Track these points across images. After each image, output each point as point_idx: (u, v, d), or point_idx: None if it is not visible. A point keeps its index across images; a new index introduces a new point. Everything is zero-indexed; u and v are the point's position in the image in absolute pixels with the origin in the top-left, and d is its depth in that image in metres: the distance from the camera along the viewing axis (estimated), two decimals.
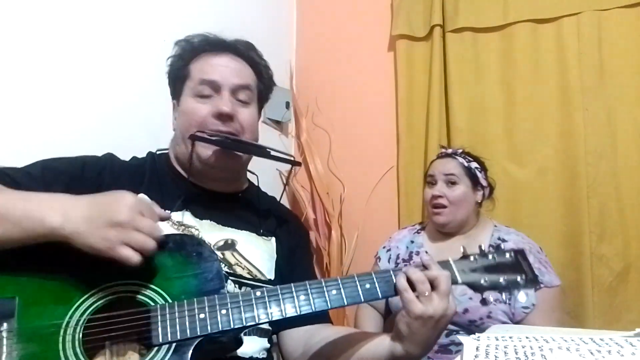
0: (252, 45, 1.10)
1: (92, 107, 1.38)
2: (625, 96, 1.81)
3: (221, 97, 1.01)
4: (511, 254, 0.90)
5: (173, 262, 0.82)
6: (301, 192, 2.28)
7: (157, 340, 0.75)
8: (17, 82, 1.22)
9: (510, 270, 0.88)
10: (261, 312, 0.79)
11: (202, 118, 1.00)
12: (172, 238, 0.84)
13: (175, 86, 1.08)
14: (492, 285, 0.87)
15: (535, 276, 0.88)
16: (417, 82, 2.13)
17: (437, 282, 0.81)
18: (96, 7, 1.42)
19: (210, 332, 0.76)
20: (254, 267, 1.01)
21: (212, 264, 0.83)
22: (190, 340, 0.76)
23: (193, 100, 1.02)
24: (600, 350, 0.64)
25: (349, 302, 0.82)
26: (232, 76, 1.03)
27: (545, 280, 1.47)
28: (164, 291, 0.80)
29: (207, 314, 0.77)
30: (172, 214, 0.97)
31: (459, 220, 1.59)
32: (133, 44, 1.50)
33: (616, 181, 1.79)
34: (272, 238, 1.08)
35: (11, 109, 1.20)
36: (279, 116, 2.26)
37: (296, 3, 2.52)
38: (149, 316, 0.76)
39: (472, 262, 0.89)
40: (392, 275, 0.85)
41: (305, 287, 0.82)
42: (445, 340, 1.48)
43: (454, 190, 1.58)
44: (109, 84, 1.43)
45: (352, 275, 0.85)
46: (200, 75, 1.02)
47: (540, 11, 1.93)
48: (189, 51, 1.07)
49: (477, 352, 0.65)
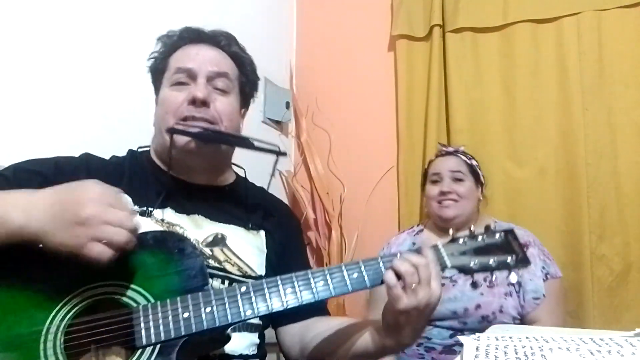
0: (232, 36, 1.08)
1: (92, 107, 1.38)
2: (625, 96, 1.81)
3: (197, 84, 0.99)
4: (501, 234, 0.88)
5: (154, 260, 0.80)
6: (301, 192, 2.28)
7: (140, 343, 0.73)
8: (17, 83, 1.21)
9: (500, 251, 0.86)
10: (247, 307, 0.77)
11: (177, 105, 0.98)
12: (152, 235, 0.82)
13: (156, 81, 1.07)
14: (482, 267, 0.85)
15: (525, 255, 0.86)
16: (417, 82, 2.13)
17: (419, 269, 0.79)
18: (96, 7, 1.42)
19: (195, 332, 0.75)
20: (244, 263, 0.98)
21: (195, 260, 0.81)
22: (175, 341, 0.74)
23: (169, 90, 1.01)
24: (600, 350, 0.64)
25: (336, 293, 0.80)
26: (209, 64, 1.01)
27: (551, 272, 1.50)
28: (146, 291, 0.78)
29: (191, 312, 0.75)
30: (155, 211, 0.95)
31: (466, 215, 1.62)
32: (133, 44, 1.50)
33: (616, 181, 1.80)
34: (261, 231, 1.06)
35: (11, 109, 1.20)
36: (279, 116, 2.26)
37: (296, 3, 2.52)
38: (131, 318, 0.75)
39: (461, 244, 0.87)
40: (380, 263, 0.82)
41: (292, 279, 0.80)
42: (449, 341, 1.47)
43: (462, 185, 1.62)
44: (108, 84, 1.43)
45: (340, 265, 0.82)
46: (177, 64, 1.01)
47: (540, 11, 1.94)
48: (169, 45, 1.06)
49: (477, 352, 0.65)
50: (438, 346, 1.48)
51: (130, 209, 0.76)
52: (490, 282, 0.87)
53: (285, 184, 2.33)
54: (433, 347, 1.49)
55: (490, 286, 1.45)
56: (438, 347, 1.48)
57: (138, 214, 0.92)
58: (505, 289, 1.47)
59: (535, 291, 1.46)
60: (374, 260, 0.83)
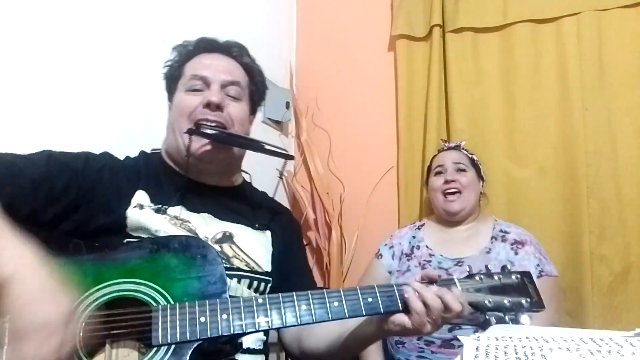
0: (244, 47, 1.15)
1: (92, 107, 1.38)
2: (625, 96, 1.81)
3: (211, 90, 1.05)
4: (517, 276, 0.90)
5: (177, 263, 0.82)
6: (301, 192, 2.28)
7: (156, 341, 0.75)
8: (17, 83, 1.21)
9: (516, 292, 0.88)
10: (262, 319, 0.79)
11: (192, 109, 1.03)
12: (178, 239, 0.85)
13: (170, 87, 1.12)
14: (496, 307, 0.87)
15: (540, 299, 0.88)
16: (417, 82, 2.13)
17: (448, 313, 0.83)
18: (96, 7, 1.42)
19: (210, 337, 0.76)
20: (251, 259, 1.02)
21: (216, 268, 0.83)
22: (189, 343, 0.76)
23: (184, 94, 1.06)
24: (600, 350, 0.64)
25: (350, 315, 0.83)
26: (222, 72, 1.07)
27: (546, 270, 1.52)
28: (166, 291, 0.80)
29: (207, 317, 0.77)
30: (169, 209, 0.99)
31: (470, 207, 1.66)
32: (133, 44, 1.50)
33: (616, 181, 1.80)
34: (267, 231, 1.10)
35: (11, 109, 1.20)
36: (279, 116, 2.26)
37: (296, 3, 2.52)
38: (149, 316, 0.77)
39: (477, 281, 0.89)
40: (395, 290, 0.85)
41: (307, 296, 0.82)
42: (448, 335, 1.50)
43: (465, 176, 1.67)
44: (108, 84, 1.42)
45: (355, 288, 0.85)
46: (192, 72, 1.07)
47: (540, 11, 1.94)
48: (184, 55, 1.12)
49: (477, 352, 0.65)
50: (437, 340, 1.50)
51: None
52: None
53: (285, 184, 2.33)
54: (432, 341, 1.51)
55: None
56: (437, 341, 1.50)
57: (154, 210, 0.97)
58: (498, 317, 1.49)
59: (528, 323, 1.48)
60: (390, 287, 0.86)
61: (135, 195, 0.98)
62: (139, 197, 0.99)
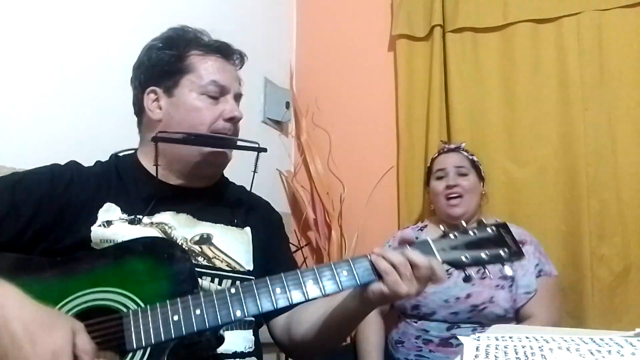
0: (244, 56, 1.14)
1: (92, 108, 1.38)
2: (625, 96, 1.81)
3: (227, 101, 1.05)
4: (492, 228, 0.87)
5: (144, 266, 0.81)
6: (301, 192, 2.28)
7: (130, 346, 0.74)
8: (17, 83, 1.21)
9: (493, 245, 0.85)
10: (236, 308, 0.77)
11: (214, 119, 1.03)
12: (142, 241, 0.83)
13: (166, 75, 1.04)
14: (475, 261, 0.84)
15: (519, 248, 0.85)
16: (417, 82, 2.13)
17: (418, 271, 0.80)
18: (96, 7, 1.42)
19: (185, 334, 0.75)
20: (232, 259, 1.01)
21: (184, 265, 0.82)
22: (165, 344, 0.74)
23: (199, 98, 1.02)
24: (600, 350, 0.64)
25: (327, 292, 0.80)
26: (236, 84, 1.09)
27: (545, 270, 1.53)
28: (136, 296, 0.78)
29: (180, 315, 0.76)
30: (145, 217, 0.97)
31: (472, 211, 1.66)
32: (133, 44, 1.50)
33: (616, 181, 1.79)
34: (246, 228, 1.08)
35: (11, 109, 1.20)
36: (279, 116, 2.26)
37: (296, 3, 2.52)
38: (121, 322, 0.75)
39: (452, 239, 0.86)
40: (369, 260, 0.82)
41: (281, 279, 0.80)
42: (446, 334, 1.51)
43: (466, 179, 1.66)
44: (108, 84, 1.42)
45: (329, 264, 0.82)
46: (211, 77, 1.03)
47: (540, 11, 1.94)
48: (182, 44, 1.05)
49: (477, 352, 0.65)
50: (435, 339, 1.51)
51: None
52: (482, 275, 0.87)
53: (285, 184, 2.33)
54: (430, 339, 1.52)
55: (482, 277, 1.46)
56: (435, 339, 1.51)
57: (127, 222, 0.95)
58: (497, 281, 1.50)
59: (528, 286, 1.50)
60: (364, 257, 0.83)
61: (103, 208, 0.96)
62: (107, 212, 0.96)
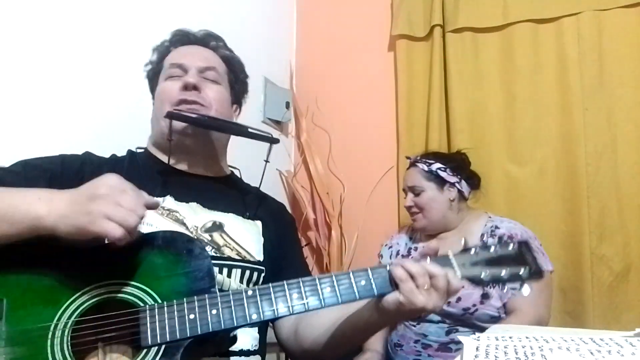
0: (220, 38, 1.17)
1: (92, 108, 1.38)
2: (625, 96, 1.81)
3: (188, 74, 1.07)
4: (514, 246, 0.85)
5: (163, 261, 0.80)
6: (301, 192, 2.28)
7: (146, 343, 0.73)
8: (17, 83, 1.21)
9: (513, 263, 0.83)
10: (253, 311, 0.77)
11: (172, 93, 1.05)
12: (162, 235, 0.82)
13: (152, 84, 1.14)
14: (494, 279, 0.83)
15: (539, 268, 0.84)
16: (417, 82, 2.13)
17: (435, 280, 0.79)
18: (97, 7, 1.42)
19: (201, 333, 0.74)
20: (243, 248, 1.00)
21: (203, 262, 0.81)
22: (180, 342, 0.74)
23: (164, 83, 1.08)
24: (600, 350, 0.64)
25: (344, 300, 0.79)
26: (198, 60, 1.09)
27: None
28: (153, 291, 0.78)
29: (197, 314, 0.75)
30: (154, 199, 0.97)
31: (436, 222, 1.66)
32: (133, 44, 1.50)
33: (616, 181, 1.80)
34: (257, 221, 1.08)
35: (11, 109, 1.20)
36: (279, 116, 2.26)
37: (296, 3, 2.52)
38: (137, 317, 0.75)
39: (472, 255, 0.84)
40: (388, 270, 0.81)
41: (299, 284, 0.79)
42: (445, 338, 1.50)
43: (420, 198, 1.67)
44: (109, 84, 1.43)
45: (347, 272, 0.81)
46: (170, 62, 1.10)
47: (540, 11, 1.94)
48: (162, 51, 1.15)
49: (477, 352, 0.65)
50: (434, 343, 1.51)
51: (143, 199, 0.77)
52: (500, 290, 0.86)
53: (285, 184, 2.33)
54: (429, 344, 1.52)
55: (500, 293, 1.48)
56: (434, 344, 1.51)
57: None
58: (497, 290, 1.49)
59: (528, 293, 1.47)
60: (382, 267, 0.82)
61: None
62: None
